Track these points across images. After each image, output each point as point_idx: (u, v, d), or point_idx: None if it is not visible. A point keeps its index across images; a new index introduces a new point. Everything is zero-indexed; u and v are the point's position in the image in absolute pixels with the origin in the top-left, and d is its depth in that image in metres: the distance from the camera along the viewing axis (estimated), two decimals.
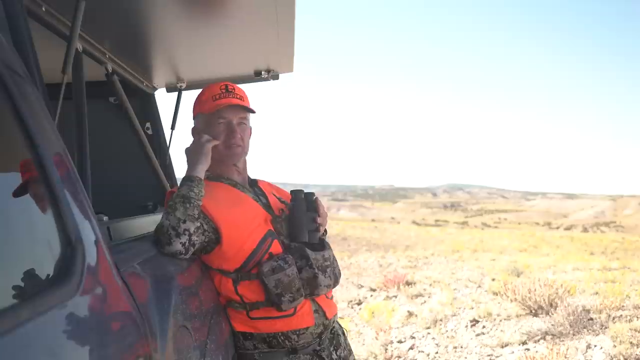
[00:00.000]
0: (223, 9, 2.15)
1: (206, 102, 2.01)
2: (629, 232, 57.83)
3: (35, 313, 0.82)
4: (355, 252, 16.94)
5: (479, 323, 5.84)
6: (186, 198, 1.75)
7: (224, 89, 1.99)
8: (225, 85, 2.01)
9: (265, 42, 2.56)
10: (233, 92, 2.00)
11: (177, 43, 2.54)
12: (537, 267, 11.07)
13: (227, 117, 1.98)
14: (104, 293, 1.09)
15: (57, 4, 1.85)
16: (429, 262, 12.98)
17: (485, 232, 39.07)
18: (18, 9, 1.28)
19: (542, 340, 4.95)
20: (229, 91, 1.99)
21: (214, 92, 2.00)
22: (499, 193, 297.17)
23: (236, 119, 2.00)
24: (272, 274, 1.83)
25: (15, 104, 0.98)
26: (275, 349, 1.91)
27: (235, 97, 1.99)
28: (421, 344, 5.24)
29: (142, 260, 1.50)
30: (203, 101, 2.03)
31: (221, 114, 1.98)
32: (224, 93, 1.98)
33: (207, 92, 2.03)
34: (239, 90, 2.03)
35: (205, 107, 2.01)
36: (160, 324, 1.31)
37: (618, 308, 5.76)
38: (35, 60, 1.29)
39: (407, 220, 79.70)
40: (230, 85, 2.03)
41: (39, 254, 0.99)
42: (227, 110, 1.98)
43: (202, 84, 3.06)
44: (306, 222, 1.98)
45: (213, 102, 1.98)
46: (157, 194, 2.95)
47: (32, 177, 1.01)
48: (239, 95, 2.01)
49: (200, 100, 2.05)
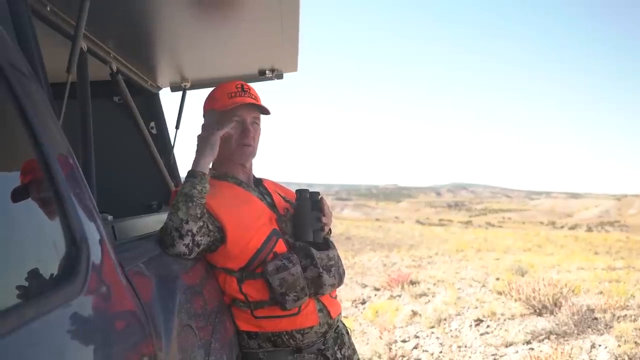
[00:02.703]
0: (227, 8, 2.15)
1: (220, 99, 2.00)
2: (634, 231, 57.63)
3: (40, 312, 0.82)
4: (359, 251, 16.93)
5: (483, 322, 5.83)
6: (189, 197, 1.75)
7: (239, 88, 2.00)
8: (241, 84, 2.02)
9: (269, 41, 2.56)
10: (248, 91, 2.01)
11: (182, 42, 2.54)
12: (542, 267, 11.04)
13: (241, 116, 1.98)
14: (109, 292, 1.09)
15: (62, 3, 1.85)
16: (433, 262, 12.98)
17: (490, 232, 38.99)
18: (23, 8, 1.28)
19: (547, 340, 4.93)
20: (245, 90, 2.00)
21: (229, 90, 2.00)
22: (503, 192, 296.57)
23: (250, 118, 2.00)
24: (276, 273, 1.83)
25: (20, 103, 0.98)
26: (279, 348, 1.91)
27: (251, 97, 2.00)
28: (425, 344, 5.23)
29: (146, 260, 1.50)
30: (216, 98, 2.02)
31: (236, 112, 1.97)
32: (239, 92, 1.99)
33: (222, 89, 2.03)
34: (253, 91, 2.04)
35: (218, 103, 2.00)
36: (164, 323, 1.31)
37: (622, 307, 5.74)
38: (40, 59, 1.29)
39: (411, 220, 79.61)
40: (246, 85, 2.03)
41: (44, 253, 0.99)
42: (243, 109, 1.98)
43: (207, 84, 3.06)
44: (311, 222, 1.98)
45: (229, 99, 1.97)
46: (161, 194, 2.96)
47: (36, 177, 1.01)
48: (253, 96, 2.02)
49: (214, 97, 2.04)
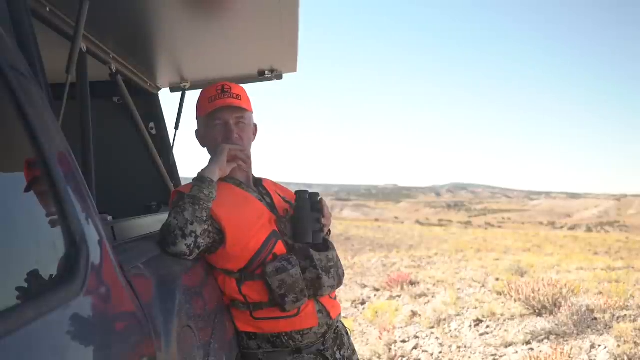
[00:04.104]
0: (227, 9, 2.15)
1: (202, 104, 2.01)
2: (633, 231, 57.62)
3: (39, 313, 0.82)
4: (359, 251, 16.93)
5: (483, 323, 5.82)
6: (195, 199, 1.75)
7: (219, 90, 1.98)
8: (221, 85, 1.99)
9: (269, 42, 2.56)
10: (229, 91, 1.98)
11: (181, 43, 2.54)
12: (541, 267, 11.04)
13: (223, 118, 1.97)
14: (108, 293, 1.09)
15: (62, 4, 1.85)
16: (433, 262, 12.97)
17: (489, 232, 39.01)
18: (22, 9, 1.28)
19: (546, 340, 4.93)
20: (225, 91, 1.97)
21: (209, 94, 1.99)
22: (502, 193, 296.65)
23: (233, 119, 1.98)
24: (276, 275, 1.83)
25: (20, 104, 0.98)
26: (279, 348, 1.91)
27: (232, 97, 1.97)
28: (425, 344, 5.23)
29: (146, 260, 1.50)
30: (200, 104, 2.03)
31: (217, 116, 1.97)
32: (219, 94, 1.97)
33: (203, 94, 2.03)
34: (236, 89, 2.01)
35: (202, 110, 2.01)
36: (164, 324, 1.31)
37: (622, 308, 5.74)
38: (39, 60, 1.29)
39: (411, 220, 79.64)
40: (227, 85, 2.00)
41: (43, 254, 0.99)
42: (223, 111, 1.97)
43: (206, 84, 3.06)
44: (310, 223, 1.97)
45: (209, 104, 1.97)
46: (160, 194, 2.96)
47: (36, 177, 1.01)
48: (235, 94, 1.98)
49: (198, 103, 2.05)
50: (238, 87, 2.03)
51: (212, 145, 1.99)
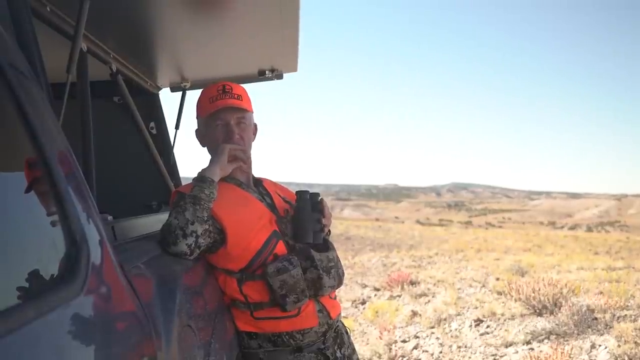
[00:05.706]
0: (227, 8, 2.15)
1: (203, 104, 2.00)
2: (634, 231, 57.60)
3: (40, 312, 0.82)
4: (359, 251, 16.94)
5: (483, 322, 5.82)
6: (196, 199, 1.75)
7: (220, 90, 1.97)
8: (222, 85, 1.98)
9: (269, 41, 2.56)
10: (230, 92, 1.97)
11: (181, 43, 2.54)
12: (542, 267, 11.04)
13: (224, 119, 1.96)
14: (109, 293, 1.09)
15: (62, 3, 1.85)
16: (433, 262, 12.98)
17: (489, 232, 39.01)
18: (23, 8, 1.28)
19: (547, 340, 4.93)
20: (226, 92, 1.96)
21: (210, 94, 1.98)
22: (503, 192, 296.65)
23: (233, 119, 1.97)
24: (277, 275, 1.83)
25: (20, 103, 0.97)
26: (280, 347, 1.91)
27: (233, 97, 1.96)
28: (425, 344, 5.23)
29: (146, 260, 1.50)
30: (200, 104, 2.02)
31: (218, 116, 1.96)
32: (220, 94, 1.96)
33: (204, 94, 2.02)
34: (237, 89, 2.00)
35: (203, 110, 2.00)
36: (164, 324, 1.31)
37: (622, 308, 5.74)
38: (40, 59, 1.29)
39: (411, 220, 79.60)
40: (228, 85, 1.99)
41: (44, 253, 0.99)
42: (223, 112, 1.96)
43: (207, 84, 3.06)
44: (311, 223, 1.97)
45: (210, 104, 1.96)
46: (161, 194, 2.96)
47: (36, 177, 1.01)
48: (236, 95, 1.97)
49: (199, 103, 2.04)
50: (239, 87, 2.02)
51: (213, 145, 1.98)
